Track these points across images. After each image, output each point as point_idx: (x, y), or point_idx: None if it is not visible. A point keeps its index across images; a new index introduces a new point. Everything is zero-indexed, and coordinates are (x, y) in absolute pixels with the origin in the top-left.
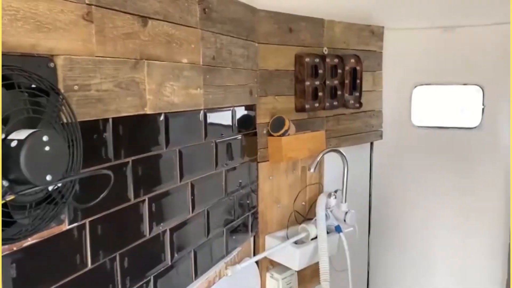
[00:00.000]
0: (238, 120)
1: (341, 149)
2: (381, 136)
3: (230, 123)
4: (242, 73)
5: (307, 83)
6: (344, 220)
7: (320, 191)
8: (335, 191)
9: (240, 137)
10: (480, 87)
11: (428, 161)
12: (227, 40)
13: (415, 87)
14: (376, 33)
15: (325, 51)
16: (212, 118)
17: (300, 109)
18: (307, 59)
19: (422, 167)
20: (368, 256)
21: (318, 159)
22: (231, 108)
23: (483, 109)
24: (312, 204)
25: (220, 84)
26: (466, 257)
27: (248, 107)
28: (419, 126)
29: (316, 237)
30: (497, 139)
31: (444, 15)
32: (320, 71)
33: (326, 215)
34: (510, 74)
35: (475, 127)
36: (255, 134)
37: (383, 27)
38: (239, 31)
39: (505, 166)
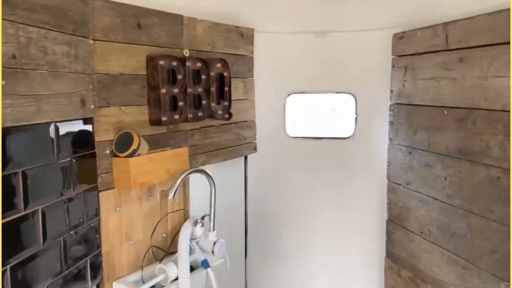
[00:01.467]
0: (63, 138)
1: (208, 167)
2: (255, 149)
3: (49, 143)
4: (68, 78)
5: (163, 90)
6: (213, 252)
7: (186, 218)
8: (203, 218)
9: (67, 161)
10: (352, 95)
11: (305, 173)
12: (39, 34)
13: (289, 95)
14: (246, 35)
15: (186, 53)
16: (14, 139)
17: (155, 122)
18: (161, 62)
19: (299, 180)
20: (246, 282)
21: (178, 183)
22: (50, 124)
23: (356, 118)
24: (175, 236)
25: (28, 92)
26: (346, 270)
27: (80, 121)
28: (294, 137)
29: (177, 278)
30: (371, 148)
31: (316, 19)
32: (179, 77)
33: (190, 248)
34: (381, 81)
35: (349, 137)
36: (93, 155)
37: (253, 29)
38: (60, 23)
39: (381, 175)
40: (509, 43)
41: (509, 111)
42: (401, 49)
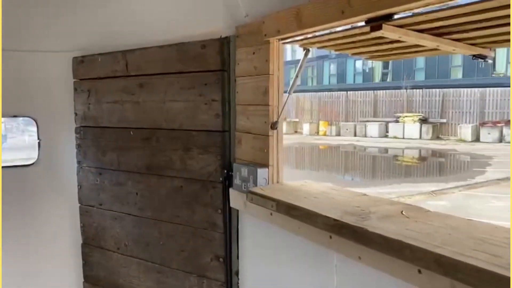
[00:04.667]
0: None
1: None
2: None
3: None
4: None
5: None
6: None
7: None
8: None
9: None
10: (33, 119)
11: None
12: None
13: None
14: None
15: None
16: None
17: None
18: None
19: None
20: None
21: None
22: None
23: (39, 143)
24: None
25: None
26: None
27: None
28: None
29: None
30: (59, 172)
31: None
32: None
33: None
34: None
35: (32, 164)
36: None
37: None
38: None
39: (71, 199)
40: (180, 72)
41: (185, 130)
42: (83, 73)
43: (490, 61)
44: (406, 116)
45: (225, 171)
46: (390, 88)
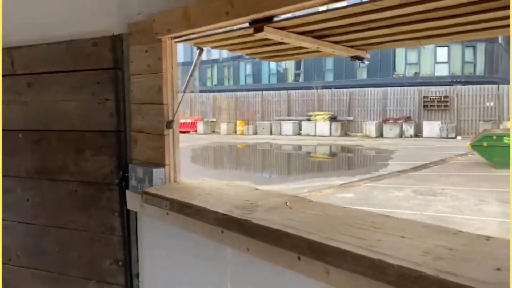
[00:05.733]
0: None
1: None
2: None
3: None
4: None
5: None
6: None
7: None
8: None
9: None
10: None
11: None
12: None
13: None
14: None
15: None
16: None
17: None
18: None
19: None
20: None
21: None
22: None
23: None
24: None
25: None
26: None
27: None
28: None
29: None
30: None
31: None
32: None
33: None
34: None
35: None
36: None
37: None
38: None
39: None
40: (72, 71)
41: (78, 131)
42: None
43: (366, 62)
44: (317, 115)
45: (121, 172)
46: (302, 88)
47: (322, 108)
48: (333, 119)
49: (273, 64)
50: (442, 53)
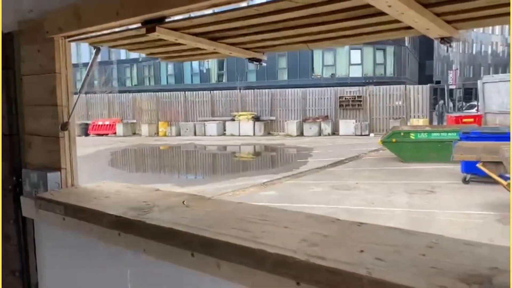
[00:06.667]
0: None
1: None
2: None
3: None
4: None
5: None
6: None
7: None
8: None
9: None
10: None
11: None
12: None
13: None
14: None
15: None
16: None
17: None
18: None
19: None
20: None
21: None
22: None
23: None
24: None
25: None
26: None
27: None
28: None
29: None
30: None
31: None
32: None
33: None
34: None
35: None
36: None
37: None
38: None
39: None
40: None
41: None
42: None
43: (264, 64)
44: (241, 115)
45: (15, 178)
46: (225, 88)
47: (246, 108)
48: (256, 119)
49: (195, 64)
50: (355, 55)
